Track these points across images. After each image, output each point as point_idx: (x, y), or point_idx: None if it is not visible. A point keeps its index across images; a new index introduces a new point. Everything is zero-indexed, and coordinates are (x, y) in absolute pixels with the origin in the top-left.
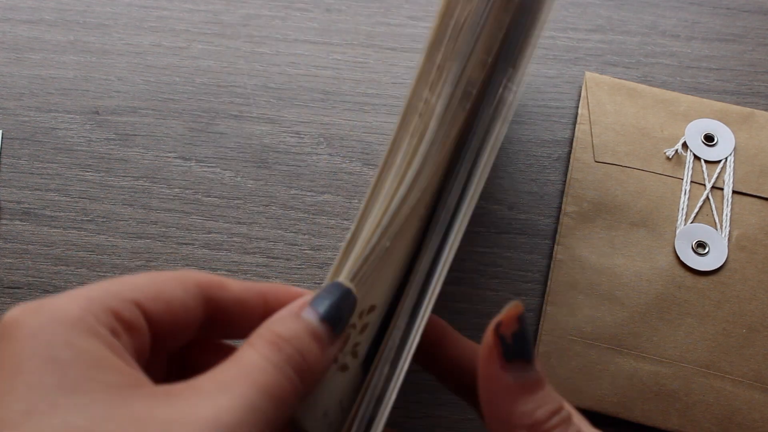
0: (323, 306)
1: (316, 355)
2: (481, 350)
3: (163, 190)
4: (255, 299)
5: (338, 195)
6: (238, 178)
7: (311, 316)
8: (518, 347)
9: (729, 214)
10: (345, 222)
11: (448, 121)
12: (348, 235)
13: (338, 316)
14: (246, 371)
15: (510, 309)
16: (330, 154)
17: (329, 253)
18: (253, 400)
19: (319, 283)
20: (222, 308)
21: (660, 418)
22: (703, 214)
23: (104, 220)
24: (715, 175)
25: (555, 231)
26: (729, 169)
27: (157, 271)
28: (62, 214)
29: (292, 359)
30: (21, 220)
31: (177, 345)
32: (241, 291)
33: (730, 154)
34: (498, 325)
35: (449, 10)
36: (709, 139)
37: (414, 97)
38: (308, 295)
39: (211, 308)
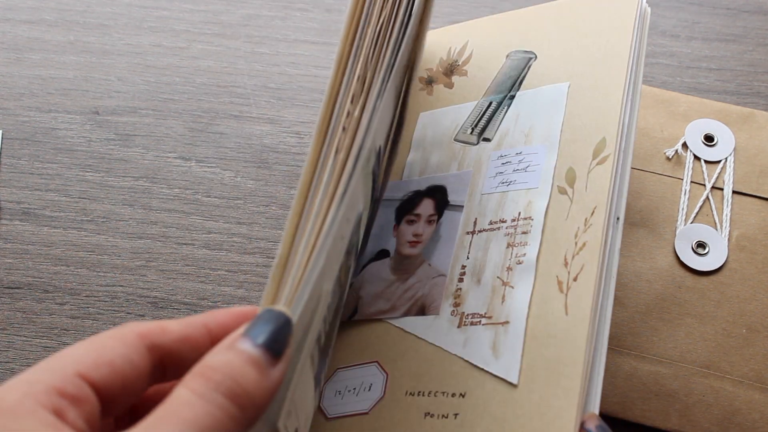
0: (258, 332)
1: (253, 379)
2: None
3: (163, 190)
4: (199, 333)
5: None
6: (238, 178)
7: (245, 344)
8: None
9: (729, 214)
10: None
11: (375, 133)
12: (277, 259)
13: (274, 339)
14: (172, 408)
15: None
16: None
17: None
18: None
19: None
20: (168, 351)
21: (659, 419)
22: (703, 214)
23: (104, 220)
24: (715, 175)
25: None
26: (729, 169)
27: (97, 335)
28: (62, 214)
29: (222, 387)
30: (21, 220)
31: (133, 398)
32: (182, 329)
33: (730, 154)
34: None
35: (355, 20)
36: (709, 139)
37: (333, 111)
38: (243, 326)
39: (157, 355)
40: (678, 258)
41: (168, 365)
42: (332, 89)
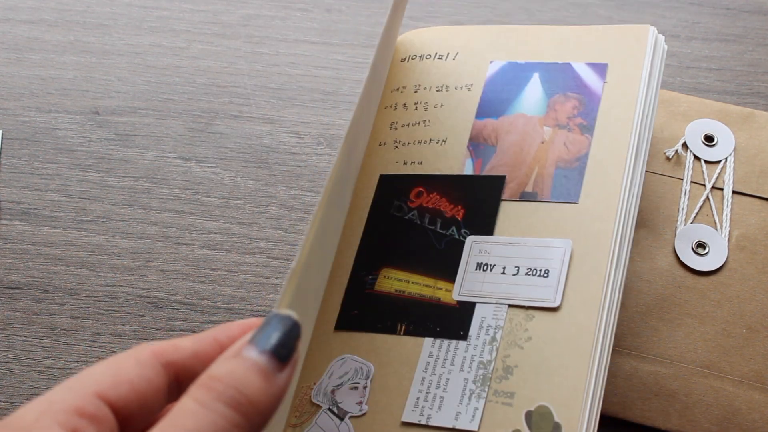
0: (264, 338)
1: (258, 387)
2: None
3: (163, 190)
4: (210, 347)
5: None
6: (238, 178)
7: (250, 352)
8: None
9: (729, 214)
10: None
11: None
12: (295, 264)
13: (281, 344)
14: (175, 419)
15: None
16: (330, 155)
17: None
18: None
19: None
20: (182, 368)
21: (659, 418)
22: (703, 215)
23: (104, 220)
24: (715, 176)
25: None
26: (729, 170)
27: (114, 356)
28: (62, 214)
29: (224, 396)
30: (21, 220)
31: (150, 416)
32: (193, 345)
33: (730, 155)
34: None
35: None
36: (709, 139)
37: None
38: (249, 333)
39: (172, 372)
40: (678, 258)
41: (183, 382)
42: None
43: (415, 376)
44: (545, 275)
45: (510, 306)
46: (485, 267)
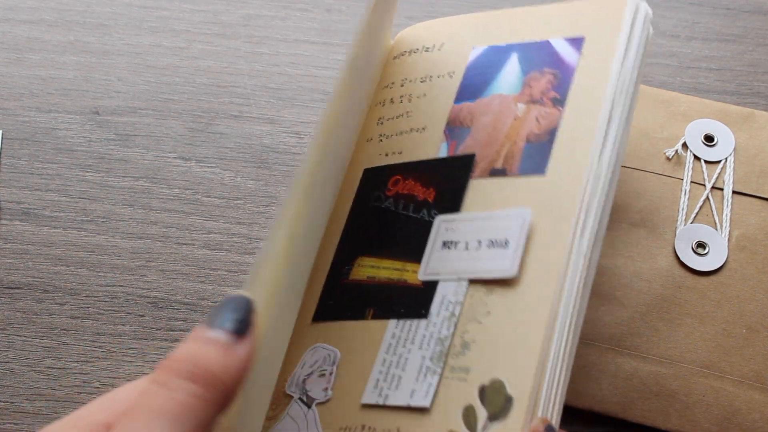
0: (217, 318)
1: (215, 358)
2: None
3: (163, 190)
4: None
5: None
6: (238, 178)
7: (206, 332)
8: None
9: (729, 215)
10: None
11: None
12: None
13: (234, 318)
14: (138, 403)
15: (535, 423)
16: None
17: None
18: (142, 427)
19: None
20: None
21: (660, 418)
22: (703, 215)
23: (104, 220)
24: (715, 176)
25: None
26: (729, 170)
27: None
28: (62, 214)
29: (182, 371)
30: (21, 220)
31: None
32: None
33: (730, 155)
34: None
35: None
36: (709, 139)
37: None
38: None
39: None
40: (678, 258)
41: None
42: None
43: (377, 357)
44: (505, 245)
45: (471, 281)
46: (450, 245)
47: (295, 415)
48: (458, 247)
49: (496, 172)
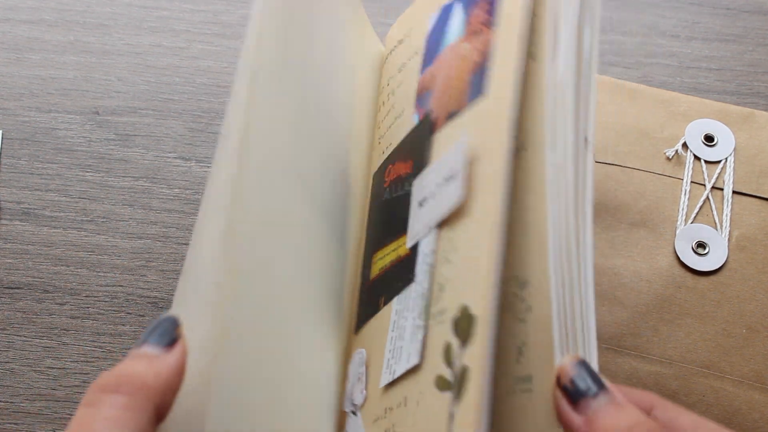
0: (142, 337)
1: (140, 368)
2: (555, 407)
3: (163, 190)
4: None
5: None
6: None
7: (132, 350)
8: (577, 389)
9: (729, 215)
10: None
11: None
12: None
13: (155, 333)
14: (70, 429)
15: (563, 361)
16: None
17: None
18: None
19: None
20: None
21: None
22: (703, 215)
23: (104, 220)
24: (715, 176)
25: None
26: (729, 170)
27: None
28: (62, 214)
29: (107, 387)
30: (21, 220)
31: None
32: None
33: (730, 155)
34: (558, 380)
35: None
36: (709, 139)
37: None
38: None
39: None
40: (678, 258)
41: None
42: None
43: (387, 339)
44: (455, 177)
45: (438, 226)
46: (423, 202)
47: (351, 429)
48: (427, 201)
49: (451, 116)
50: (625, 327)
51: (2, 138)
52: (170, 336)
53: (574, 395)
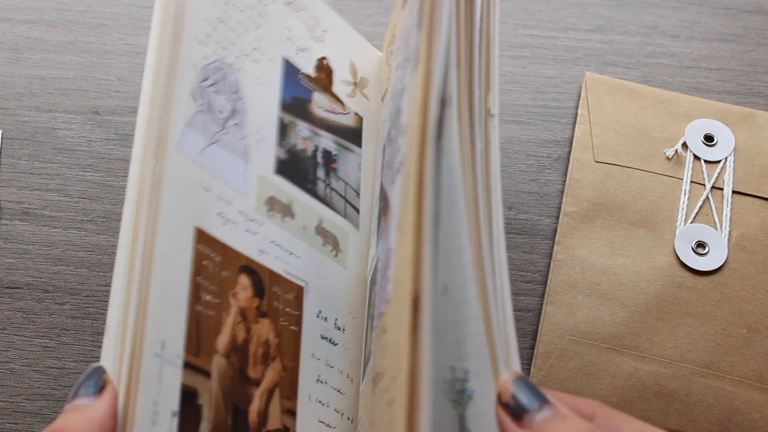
0: (72, 391)
1: (72, 418)
2: (499, 424)
3: None
4: None
5: None
6: None
7: (66, 405)
8: (519, 405)
9: (729, 214)
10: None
11: None
12: None
13: (82, 384)
14: None
15: (503, 379)
16: None
17: None
18: None
19: None
20: None
21: (660, 418)
22: (703, 214)
23: (104, 220)
24: (715, 175)
25: (555, 231)
26: (729, 169)
27: None
28: (62, 214)
29: None
30: (21, 220)
31: None
32: None
33: (730, 154)
34: (499, 397)
35: None
36: (709, 139)
37: None
38: None
39: None
40: (678, 258)
41: None
42: None
43: None
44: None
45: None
46: None
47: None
48: None
49: None
50: (625, 327)
51: (2, 138)
52: (98, 385)
53: (516, 411)
